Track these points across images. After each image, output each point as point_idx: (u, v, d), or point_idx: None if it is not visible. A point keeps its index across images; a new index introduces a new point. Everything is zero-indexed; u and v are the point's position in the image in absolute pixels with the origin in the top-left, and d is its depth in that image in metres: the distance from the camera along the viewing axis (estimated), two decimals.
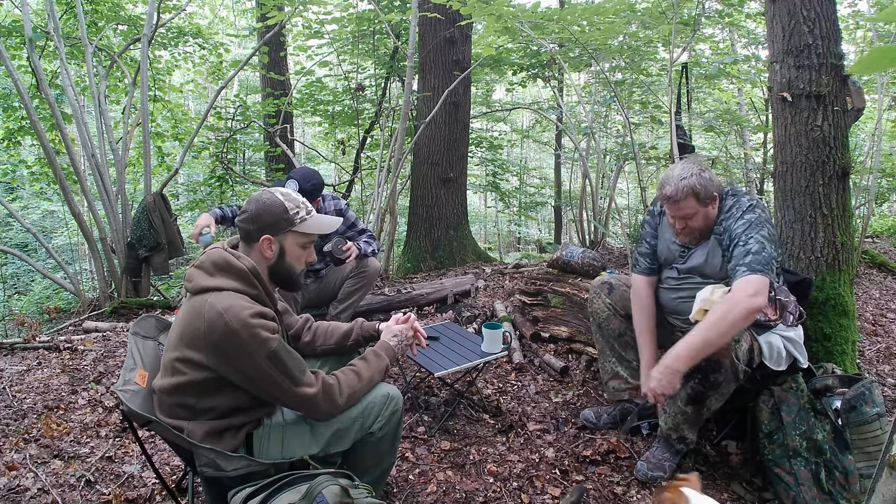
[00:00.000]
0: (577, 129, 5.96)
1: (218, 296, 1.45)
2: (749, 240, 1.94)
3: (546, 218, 13.35)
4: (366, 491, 1.35)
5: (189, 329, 1.46)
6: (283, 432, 1.56)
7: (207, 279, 1.49)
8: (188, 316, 1.48)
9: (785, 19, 2.46)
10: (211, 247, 1.57)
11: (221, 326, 1.41)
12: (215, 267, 1.51)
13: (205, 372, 1.46)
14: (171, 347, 1.52)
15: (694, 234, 2.12)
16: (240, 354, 1.42)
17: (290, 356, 1.48)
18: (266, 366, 1.43)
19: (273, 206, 1.58)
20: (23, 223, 5.42)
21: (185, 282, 1.54)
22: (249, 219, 1.59)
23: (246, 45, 11.52)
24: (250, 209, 1.60)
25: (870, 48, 1.09)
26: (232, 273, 1.51)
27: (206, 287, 1.48)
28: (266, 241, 1.58)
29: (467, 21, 4.75)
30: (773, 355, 1.97)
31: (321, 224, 1.67)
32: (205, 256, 1.55)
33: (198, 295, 1.49)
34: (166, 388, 1.51)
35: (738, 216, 2.02)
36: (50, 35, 4.63)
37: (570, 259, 3.42)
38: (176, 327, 1.53)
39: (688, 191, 2.00)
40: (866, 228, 5.30)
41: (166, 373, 1.52)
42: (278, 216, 1.58)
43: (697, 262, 2.15)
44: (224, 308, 1.42)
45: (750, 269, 1.88)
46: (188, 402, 1.49)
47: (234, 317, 1.41)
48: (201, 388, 1.48)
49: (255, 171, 8.60)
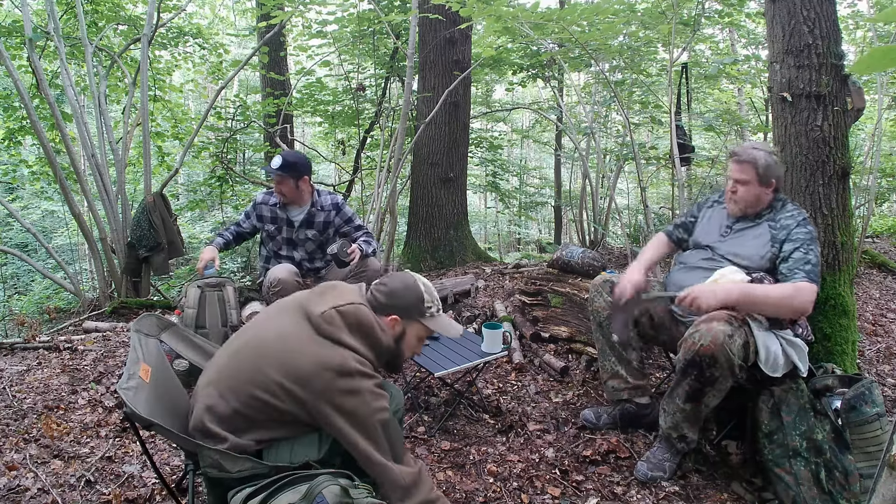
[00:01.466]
0: (577, 129, 5.97)
1: (355, 357, 1.49)
2: (809, 251, 2.07)
3: (546, 218, 13.35)
4: (366, 491, 1.35)
5: (312, 371, 1.45)
6: (293, 442, 1.55)
7: (349, 337, 1.53)
8: (315, 359, 1.46)
9: (785, 19, 2.46)
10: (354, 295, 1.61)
11: (350, 385, 1.45)
12: (359, 328, 1.56)
13: (298, 409, 1.47)
14: (272, 367, 1.47)
15: (739, 205, 2.23)
16: (357, 413, 1.46)
17: (397, 432, 1.55)
18: (376, 431, 1.48)
19: (413, 291, 1.66)
20: (23, 223, 5.42)
21: (323, 321, 1.52)
22: (387, 293, 1.65)
23: (246, 45, 11.52)
24: (392, 285, 1.66)
25: (870, 48, 1.08)
26: (372, 343, 1.57)
27: (344, 343, 1.51)
28: (394, 320, 1.64)
29: (467, 23, 4.75)
30: (769, 360, 1.98)
31: (448, 327, 1.73)
32: (352, 309, 1.56)
33: (331, 343, 1.50)
34: (243, 393, 1.47)
35: (799, 220, 2.13)
36: (50, 35, 4.63)
37: (570, 259, 3.42)
38: (286, 352, 1.49)
39: (752, 158, 2.15)
40: (866, 228, 5.30)
41: (254, 385, 1.47)
42: (414, 304, 1.65)
43: (741, 242, 2.21)
44: (356, 371, 1.47)
45: (809, 277, 2.03)
46: (255, 416, 1.47)
47: (364, 381, 1.47)
48: (280, 415, 1.47)
49: (255, 171, 8.60)
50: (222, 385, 1.52)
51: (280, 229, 3.08)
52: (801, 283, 2.03)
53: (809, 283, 2.03)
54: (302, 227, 3.07)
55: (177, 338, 1.87)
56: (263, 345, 1.53)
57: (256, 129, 7.00)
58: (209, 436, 1.47)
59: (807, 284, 2.02)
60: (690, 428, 2.13)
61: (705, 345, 1.94)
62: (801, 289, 2.02)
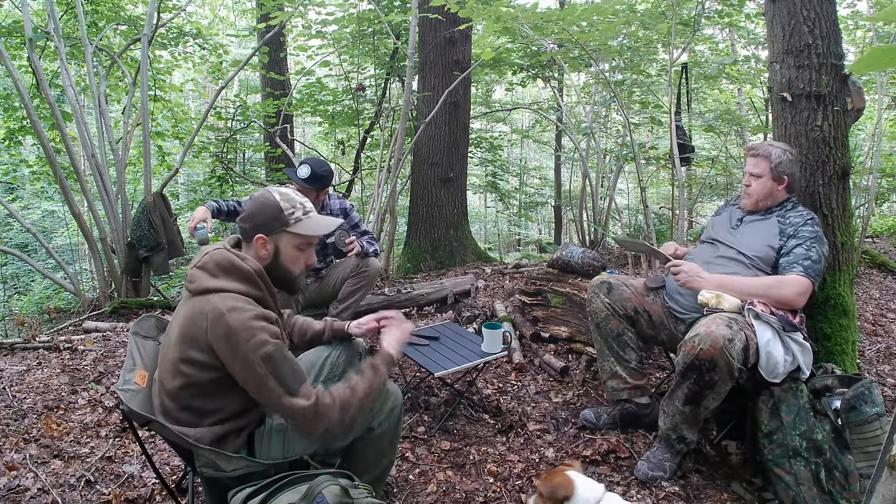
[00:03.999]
0: (577, 129, 5.97)
1: (222, 296, 1.44)
2: (812, 248, 2.12)
3: (546, 218, 13.36)
4: (366, 491, 1.35)
5: (192, 328, 1.44)
6: (285, 432, 1.56)
7: (211, 280, 1.48)
8: (191, 316, 1.46)
9: (785, 19, 2.46)
10: (213, 247, 1.56)
11: (223, 326, 1.40)
12: (219, 268, 1.49)
13: (210, 372, 1.45)
14: (171, 348, 1.49)
15: (752, 199, 2.30)
16: (237, 354, 1.41)
17: (287, 364, 1.45)
18: (260, 369, 1.40)
19: (268, 205, 1.56)
20: (23, 223, 5.42)
21: (187, 282, 1.52)
22: (246, 217, 1.58)
23: (246, 45, 11.52)
24: (247, 207, 1.59)
25: (869, 48, 1.08)
26: (236, 275, 1.49)
27: (209, 288, 1.46)
28: (260, 240, 1.56)
29: (467, 24, 4.75)
30: (769, 366, 1.98)
31: (318, 225, 1.62)
32: (207, 257, 1.52)
33: (200, 295, 1.47)
34: (171, 391, 1.49)
35: (807, 219, 2.19)
36: (50, 35, 4.62)
37: (570, 259, 3.42)
38: (176, 328, 1.50)
39: (767, 153, 2.23)
40: (866, 228, 5.29)
41: (170, 375, 1.49)
42: (272, 216, 1.56)
43: (750, 235, 2.26)
44: (227, 308, 1.41)
45: (806, 272, 2.08)
46: (195, 404, 1.47)
47: (236, 318, 1.40)
48: (207, 388, 1.47)
49: (255, 171, 8.60)
50: (159, 391, 1.54)
51: None
52: (798, 276, 2.07)
53: (807, 277, 2.07)
54: None
55: None
56: (167, 338, 1.56)
57: (256, 129, 7.00)
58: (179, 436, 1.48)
59: (798, 277, 2.07)
60: (690, 429, 2.13)
61: (705, 349, 1.93)
62: (790, 280, 2.08)
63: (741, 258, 2.22)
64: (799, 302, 2.08)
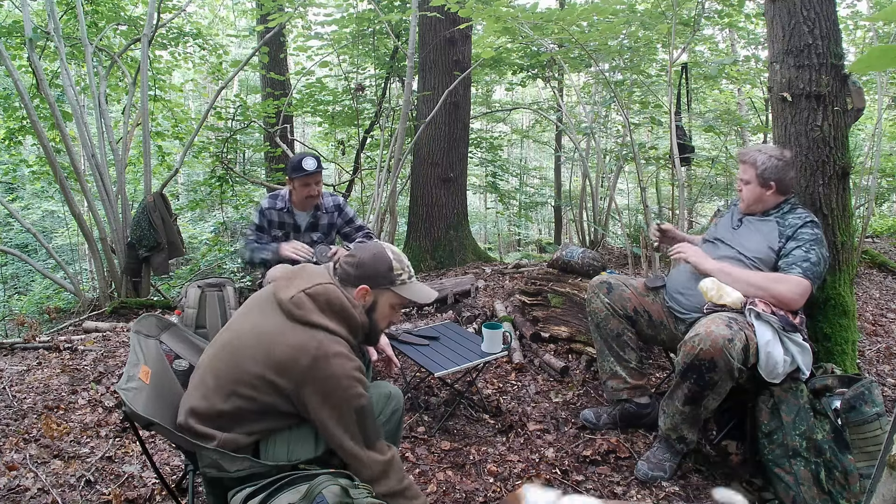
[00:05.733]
0: (577, 129, 5.97)
1: (330, 338, 1.47)
2: (811, 250, 2.12)
3: (546, 218, 13.35)
4: (366, 491, 1.35)
5: (289, 359, 1.44)
6: (290, 438, 1.55)
7: (321, 317, 1.50)
8: (291, 347, 1.44)
9: (785, 19, 2.46)
10: (323, 277, 1.58)
11: (327, 369, 1.43)
12: (330, 307, 1.52)
13: (281, 399, 1.46)
14: (252, 361, 1.46)
15: (744, 203, 2.33)
16: (330, 399, 1.44)
17: (372, 418, 1.51)
18: (349, 418, 1.45)
19: (382, 259, 1.62)
20: (23, 223, 5.42)
21: (293, 305, 1.50)
22: (355, 265, 1.61)
23: (246, 45, 11.52)
24: (360, 255, 1.63)
25: (869, 48, 1.08)
26: (346, 320, 1.54)
27: (318, 324, 1.48)
28: (363, 290, 1.60)
29: (467, 24, 4.75)
30: (768, 367, 1.98)
31: (419, 293, 1.68)
32: (321, 290, 1.53)
33: (303, 325, 1.48)
34: (226, 393, 1.46)
35: (806, 221, 2.19)
36: (50, 35, 4.63)
37: (570, 259, 3.42)
38: (263, 343, 1.47)
39: (753, 160, 2.25)
40: (866, 228, 5.29)
41: (232, 380, 1.47)
42: (382, 272, 1.61)
43: (749, 235, 2.28)
44: (333, 353, 1.45)
45: (805, 274, 2.08)
46: (241, 414, 1.47)
47: (340, 365, 1.44)
48: (264, 408, 1.47)
49: (255, 171, 8.60)
50: (204, 387, 1.51)
51: (288, 235, 3.05)
52: (798, 277, 2.07)
53: (806, 279, 2.07)
54: (308, 231, 3.07)
55: (177, 338, 1.87)
56: (240, 341, 1.52)
57: (256, 129, 7.00)
58: (197, 435, 1.47)
59: (796, 278, 2.07)
60: (690, 429, 2.13)
61: (705, 349, 1.94)
62: (788, 279, 2.08)
63: (741, 258, 2.22)
64: (797, 302, 2.08)
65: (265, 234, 3.03)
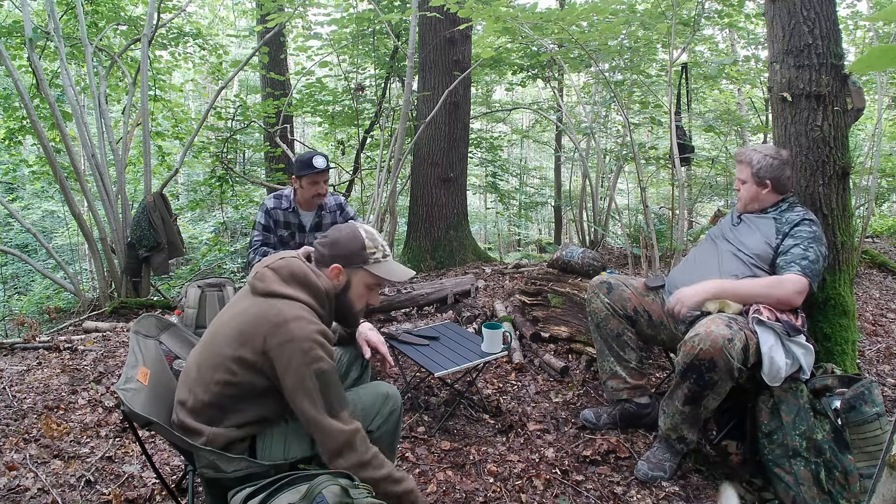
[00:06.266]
0: (577, 129, 5.97)
1: (290, 304, 1.47)
2: (809, 247, 2.13)
3: (546, 218, 13.36)
4: (366, 491, 1.35)
5: (251, 329, 1.45)
6: (286, 435, 1.56)
7: (281, 286, 1.50)
8: (253, 316, 1.46)
9: (785, 19, 2.46)
10: (289, 253, 1.60)
11: (286, 333, 1.42)
12: (293, 277, 1.53)
13: (255, 375, 1.46)
14: (222, 341, 1.48)
15: (741, 202, 2.35)
16: (291, 363, 1.42)
17: (336, 386, 1.46)
18: (310, 382, 1.41)
19: (354, 238, 1.62)
20: (23, 223, 5.42)
21: (255, 279, 1.52)
22: (327, 244, 1.63)
23: (246, 45, 11.51)
24: (332, 235, 1.64)
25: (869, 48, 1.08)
26: (308, 288, 1.53)
27: (277, 292, 1.49)
28: (335, 269, 1.61)
29: (467, 24, 4.75)
30: (772, 371, 1.98)
31: (394, 271, 1.67)
32: (283, 262, 1.55)
33: (266, 297, 1.49)
34: (207, 383, 1.47)
35: (805, 218, 2.20)
36: (50, 35, 4.63)
37: (570, 259, 3.42)
38: (232, 323, 1.49)
39: (749, 159, 2.28)
40: (866, 228, 5.29)
41: (211, 368, 1.48)
42: (355, 250, 1.61)
43: (747, 233, 2.29)
44: (293, 317, 1.44)
45: (803, 271, 2.08)
46: (226, 402, 1.47)
47: (300, 328, 1.42)
48: (244, 390, 1.47)
49: (255, 171, 8.60)
50: (191, 380, 1.52)
51: (293, 235, 3.04)
52: (795, 275, 2.08)
53: (804, 276, 2.07)
54: (312, 230, 3.06)
55: (176, 339, 1.87)
56: (217, 329, 1.54)
57: (256, 129, 7.00)
58: (188, 431, 1.47)
59: (794, 276, 2.07)
60: (690, 429, 2.13)
61: (705, 349, 1.94)
62: (786, 280, 2.08)
63: (740, 255, 2.23)
64: (796, 301, 2.08)
65: (271, 234, 3.03)
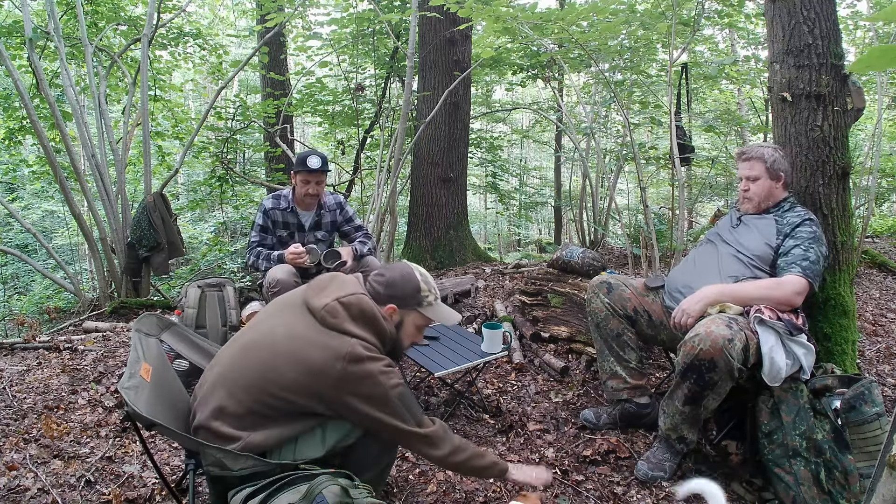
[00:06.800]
0: (577, 129, 5.97)
1: (362, 344, 1.54)
2: (810, 248, 2.13)
3: (546, 218, 13.36)
4: (366, 491, 1.35)
5: (321, 363, 1.50)
6: (297, 437, 1.56)
7: (353, 325, 1.57)
8: (322, 350, 1.51)
9: (785, 19, 2.46)
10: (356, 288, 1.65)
11: (363, 370, 1.50)
12: (362, 316, 1.60)
13: (315, 402, 1.51)
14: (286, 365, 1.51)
15: (753, 202, 2.31)
16: (374, 393, 1.51)
17: (413, 399, 1.60)
18: (396, 405, 1.54)
19: (410, 281, 1.69)
20: (23, 223, 5.42)
21: (328, 314, 1.56)
22: (385, 284, 1.68)
23: (246, 45, 11.52)
24: (389, 275, 1.69)
25: (869, 48, 1.08)
26: (376, 330, 1.61)
27: (350, 332, 1.55)
28: (391, 309, 1.66)
29: (467, 24, 4.75)
30: (772, 371, 1.98)
31: (445, 315, 1.75)
32: (354, 299, 1.60)
33: (336, 332, 1.55)
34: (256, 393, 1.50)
35: (805, 219, 2.20)
36: (50, 35, 4.62)
37: (570, 259, 3.42)
38: (294, 347, 1.53)
39: (760, 154, 2.26)
40: (866, 228, 5.29)
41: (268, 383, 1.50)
42: (410, 293, 1.68)
43: (747, 234, 2.28)
44: (366, 356, 1.52)
45: (804, 272, 2.09)
46: (272, 415, 1.51)
47: (374, 364, 1.52)
48: (298, 409, 1.52)
49: (255, 171, 8.60)
50: (232, 385, 1.53)
51: (292, 235, 3.04)
52: (795, 275, 2.08)
53: (804, 277, 2.07)
54: (312, 230, 3.06)
55: (177, 337, 1.87)
56: (273, 342, 1.56)
57: (256, 129, 7.00)
58: (219, 437, 1.48)
59: (794, 277, 2.08)
60: (690, 429, 2.13)
61: (705, 349, 1.94)
62: (786, 281, 2.09)
63: (740, 256, 2.23)
64: (796, 301, 2.09)
65: (269, 234, 3.02)
